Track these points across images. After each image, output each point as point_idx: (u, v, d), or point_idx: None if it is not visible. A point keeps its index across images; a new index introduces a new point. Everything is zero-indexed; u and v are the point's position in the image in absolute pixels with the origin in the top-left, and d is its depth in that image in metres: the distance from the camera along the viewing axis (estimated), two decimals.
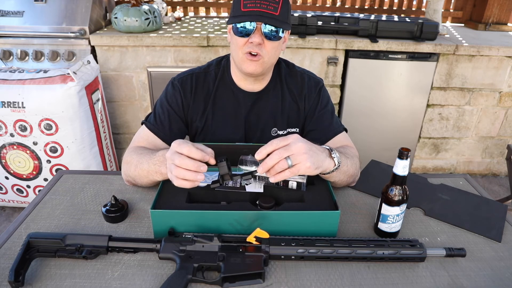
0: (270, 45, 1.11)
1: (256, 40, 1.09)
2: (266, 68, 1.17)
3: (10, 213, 2.49)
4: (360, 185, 1.20)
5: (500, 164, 3.11)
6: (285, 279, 0.84)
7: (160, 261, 0.87)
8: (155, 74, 2.53)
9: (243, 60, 1.13)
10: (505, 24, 3.10)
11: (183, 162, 0.86)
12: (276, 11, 1.07)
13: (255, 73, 1.15)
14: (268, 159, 0.86)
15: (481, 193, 1.21)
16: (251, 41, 1.09)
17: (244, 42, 1.11)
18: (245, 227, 0.91)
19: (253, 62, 1.12)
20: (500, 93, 2.78)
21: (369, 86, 2.66)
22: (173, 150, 0.88)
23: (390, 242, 0.88)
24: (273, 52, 1.14)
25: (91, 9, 2.46)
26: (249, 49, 1.10)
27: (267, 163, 0.86)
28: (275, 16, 1.07)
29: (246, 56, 1.11)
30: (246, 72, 1.14)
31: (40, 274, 0.84)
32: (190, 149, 0.86)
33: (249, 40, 1.10)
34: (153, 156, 1.03)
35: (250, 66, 1.13)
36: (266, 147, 0.87)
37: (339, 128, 1.26)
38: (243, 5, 1.07)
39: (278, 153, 0.86)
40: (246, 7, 1.06)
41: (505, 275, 0.88)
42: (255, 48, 1.10)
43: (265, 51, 1.12)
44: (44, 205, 1.08)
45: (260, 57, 1.12)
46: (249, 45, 1.10)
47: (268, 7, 1.06)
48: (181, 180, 0.87)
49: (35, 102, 2.01)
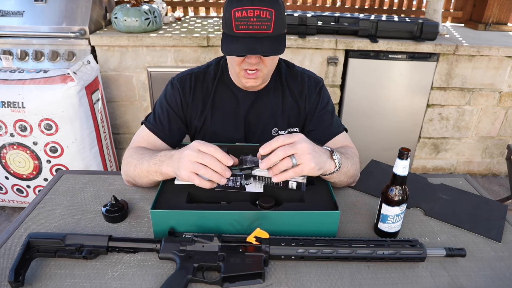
0: (268, 60, 1.10)
1: (253, 61, 1.07)
2: (266, 79, 1.17)
3: (10, 213, 2.49)
4: (360, 185, 1.20)
5: (500, 164, 3.11)
6: (285, 279, 0.84)
7: (160, 261, 0.87)
8: (155, 74, 2.53)
9: (241, 75, 1.13)
10: (505, 24, 3.10)
11: (212, 163, 0.86)
12: (269, 29, 1.02)
13: (255, 86, 1.15)
14: (272, 155, 0.86)
15: (481, 193, 1.21)
16: (247, 61, 1.08)
17: (241, 61, 1.09)
18: (245, 227, 0.91)
19: (251, 79, 1.12)
20: (500, 93, 2.78)
21: (369, 86, 2.66)
22: (196, 148, 0.88)
23: (390, 242, 0.88)
24: (271, 64, 1.13)
25: (91, 9, 2.46)
26: (247, 67, 1.09)
27: (271, 159, 0.86)
28: (269, 34, 1.02)
29: (244, 73, 1.11)
30: (246, 87, 1.14)
31: (40, 274, 0.84)
32: (216, 150, 0.87)
33: (245, 59, 1.08)
34: (153, 156, 1.02)
35: (249, 82, 1.13)
36: (271, 142, 0.86)
37: (339, 128, 1.26)
38: (235, 26, 1.01)
39: (283, 149, 0.85)
40: (238, 28, 1.01)
41: (505, 275, 0.88)
42: (253, 66, 1.08)
43: (263, 65, 1.11)
44: (44, 205, 1.08)
45: (259, 72, 1.11)
46: (246, 63, 1.08)
47: (261, 27, 1.01)
48: (205, 181, 0.88)
49: (35, 102, 2.01)
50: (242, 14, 1.00)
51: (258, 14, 1.00)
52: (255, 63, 1.08)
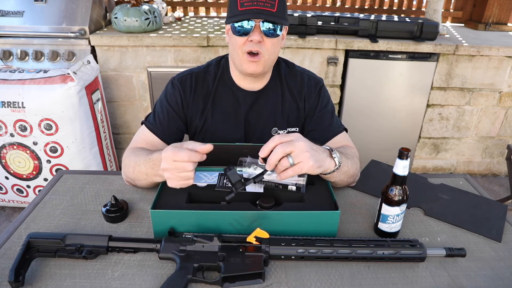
0: (269, 42, 1.12)
1: (256, 38, 1.09)
2: (267, 66, 1.17)
3: (10, 213, 2.49)
4: (360, 185, 1.20)
5: (500, 164, 3.11)
6: (285, 279, 0.84)
7: (160, 261, 0.87)
8: (155, 74, 2.53)
9: (243, 61, 1.13)
10: (505, 24, 3.10)
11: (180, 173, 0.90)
12: (273, 8, 1.08)
13: (256, 73, 1.16)
14: (272, 154, 0.86)
15: (481, 193, 1.21)
16: (250, 39, 1.09)
17: (244, 41, 1.11)
18: (245, 227, 0.91)
19: (253, 63, 1.13)
20: (500, 93, 2.78)
21: (369, 86, 2.66)
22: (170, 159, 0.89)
23: (390, 242, 0.88)
24: (272, 49, 1.14)
25: (91, 9, 2.46)
26: (249, 48, 1.10)
27: (272, 159, 0.86)
28: (273, 13, 1.08)
29: (246, 56, 1.12)
30: (247, 72, 1.15)
31: (40, 274, 0.84)
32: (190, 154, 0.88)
33: (248, 38, 1.10)
34: (148, 160, 1.02)
35: (250, 67, 1.13)
36: (268, 144, 0.87)
37: (339, 128, 1.26)
38: (240, 4, 1.07)
39: (281, 147, 0.86)
40: (243, 6, 1.07)
41: (505, 275, 0.88)
42: (255, 47, 1.10)
43: (265, 49, 1.12)
44: (44, 205, 1.08)
45: (261, 56, 1.12)
46: (249, 44, 1.10)
47: (265, 4, 1.07)
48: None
49: (35, 102, 2.01)
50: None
51: None
52: (257, 42, 1.09)
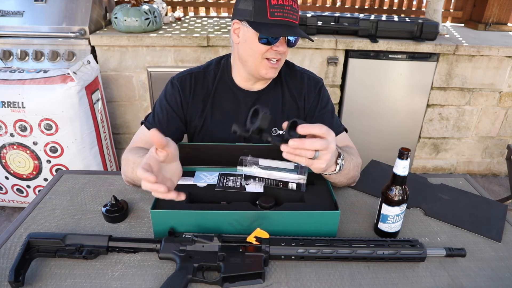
0: (287, 51, 1.16)
1: (282, 49, 1.12)
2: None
3: (10, 213, 2.49)
4: (360, 185, 1.20)
5: (500, 164, 3.11)
6: (285, 279, 0.84)
7: (160, 261, 0.87)
8: (155, 74, 2.53)
9: (262, 66, 1.14)
10: (505, 24, 3.10)
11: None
12: (297, 20, 1.11)
13: (273, 77, 1.19)
14: (308, 142, 0.81)
15: (481, 193, 1.21)
16: (275, 49, 1.11)
17: (267, 49, 1.12)
18: (245, 227, 0.91)
19: (273, 69, 1.16)
20: (500, 93, 2.78)
21: (369, 86, 2.66)
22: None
23: (390, 242, 0.88)
24: (286, 56, 1.19)
25: (91, 9, 2.46)
26: (272, 56, 1.13)
27: (305, 144, 0.80)
28: (296, 25, 1.11)
29: (267, 62, 1.14)
30: (265, 77, 1.17)
31: (40, 274, 0.84)
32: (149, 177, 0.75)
33: (272, 48, 1.11)
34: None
35: (270, 73, 1.16)
36: (314, 127, 0.81)
37: (340, 128, 1.26)
38: (270, 13, 1.07)
39: (321, 143, 0.81)
40: (274, 15, 1.07)
41: (505, 275, 0.88)
42: (278, 55, 1.13)
43: (284, 56, 1.16)
44: (44, 205, 1.08)
45: (280, 62, 1.16)
46: (272, 52, 1.12)
47: (292, 16, 1.09)
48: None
49: (35, 102, 2.01)
50: (278, 2, 1.06)
51: (291, 4, 1.08)
52: (282, 52, 1.13)
